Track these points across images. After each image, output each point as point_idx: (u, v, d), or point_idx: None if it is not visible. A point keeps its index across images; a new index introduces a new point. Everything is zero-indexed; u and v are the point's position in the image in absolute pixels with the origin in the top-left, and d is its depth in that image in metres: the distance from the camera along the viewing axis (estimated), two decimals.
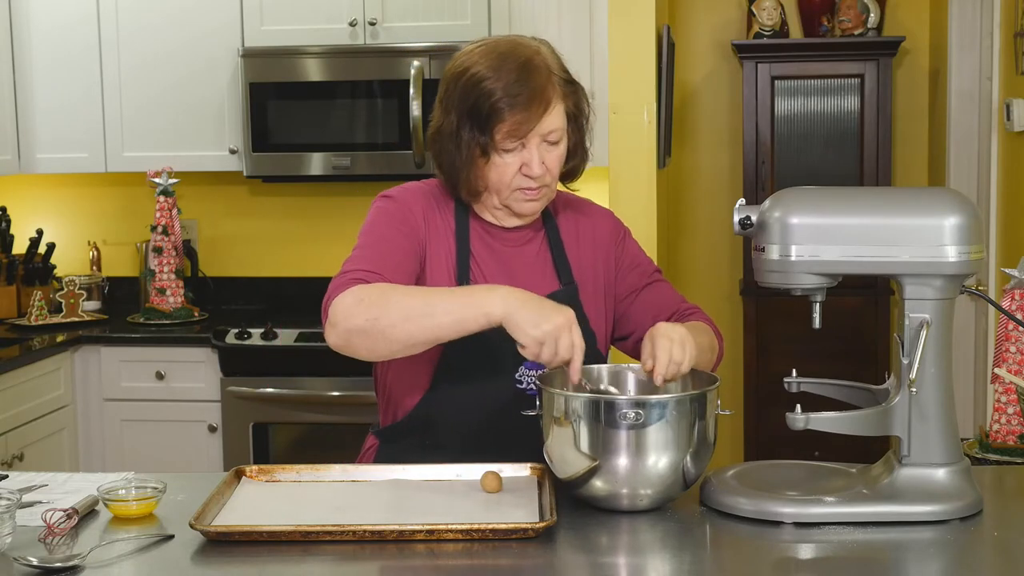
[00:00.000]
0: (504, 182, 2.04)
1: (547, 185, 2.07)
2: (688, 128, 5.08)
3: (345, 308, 1.88)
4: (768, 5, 4.75)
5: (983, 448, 2.38)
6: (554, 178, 2.07)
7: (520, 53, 2.02)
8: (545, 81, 2.00)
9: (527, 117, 1.99)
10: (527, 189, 2.05)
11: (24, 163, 4.31)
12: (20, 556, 1.64)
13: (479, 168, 2.04)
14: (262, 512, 1.81)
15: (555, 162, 2.05)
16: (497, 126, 1.99)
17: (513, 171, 2.03)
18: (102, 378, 4.06)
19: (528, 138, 2.01)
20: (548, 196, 2.10)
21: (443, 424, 2.08)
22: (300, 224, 4.57)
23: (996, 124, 3.94)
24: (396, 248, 2.04)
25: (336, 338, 1.90)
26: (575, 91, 2.08)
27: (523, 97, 1.98)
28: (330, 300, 1.93)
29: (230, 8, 4.19)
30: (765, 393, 4.78)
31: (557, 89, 2.02)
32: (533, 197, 2.06)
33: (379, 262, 2.00)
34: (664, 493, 1.81)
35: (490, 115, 1.99)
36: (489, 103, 1.98)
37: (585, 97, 2.11)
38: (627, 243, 2.24)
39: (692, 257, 5.15)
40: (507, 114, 1.98)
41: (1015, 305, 2.35)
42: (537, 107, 1.99)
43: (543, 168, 2.03)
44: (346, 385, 3.87)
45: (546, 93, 2.00)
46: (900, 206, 1.82)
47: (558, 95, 2.02)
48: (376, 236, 2.06)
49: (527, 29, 3.91)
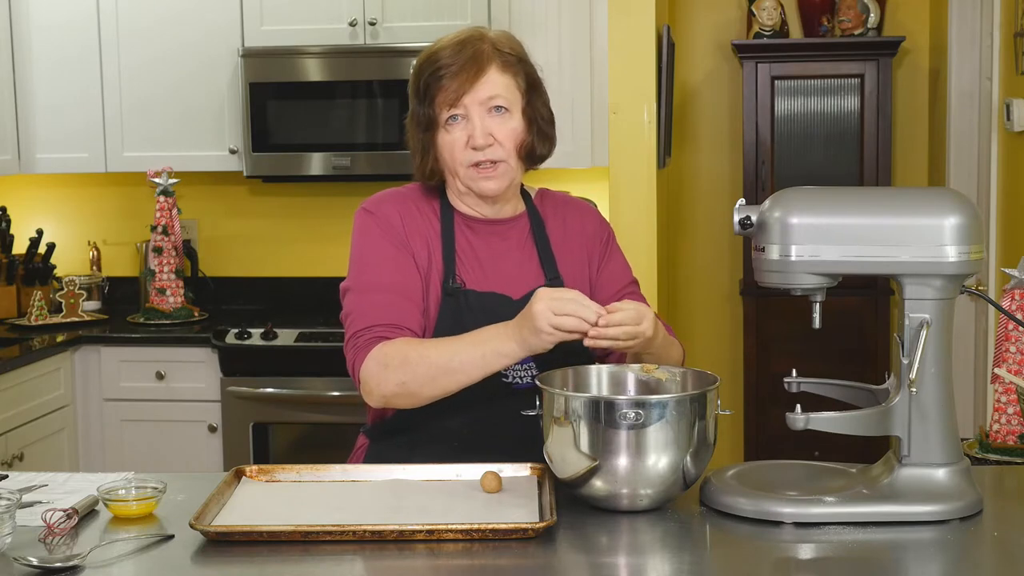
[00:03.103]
0: (456, 158, 2.07)
1: (503, 160, 2.08)
2: (688, 128, 5.08)
3: (373, 376, 2.00)
4: (768, 5, 4.75)
5: (983, 448, 2.38)
6: (508, 152, 2.08)
7: (463, 34, 2.11)
8: (480, 50, 2.07)
9: (460, 82, 2.05)
10: (480, 166, 2.07)
11: (24, 163, 4.30)
12: (20, 556, 1.64)
13: (432, 146, 2.10)
14: (262, 512, 1.81)
15: (506, 135, 2.07)
16: (437, 95, 2.06)
17: (461, 145, 2.07)
18: (102, 378, 4.06)
19: (467, 107, 2.05)
20: (509, 174, 2.11)
21: (431, 420, 2.09)
22: (300, 224, 4.57)
23: (996, 124, 3.94)
24: (397, 269, 2.08)
25: (375, 403, 2.04)
26: (520, 64, 2.11)
27: (456, 65, 2.05)
28: (356, 363, 2.03)
29: (230, 8, 4.19)
30: (765, 393, 4.78)
31: (495, 58, 2.07)
32: (489, 174, 2.08)
33: (392, 304, 2.06)
34: (664, 493, 1.81)
35: (429, 85, 2.07)
36: (428, 73, 2.07)
37: (536, 74, 2.13)
38: (610, 247, 2.25)
39: (692, 257, 5.15)
40: (444, 81, 2.06)
41: (1015, 305, 2.35)
42: (470, 71, 2.05)
43: (489, 139, 2.06)
44: (346, 385, 3.86)
45: (479, 60, 2.06)
46: (900, 206, 1.82)
47: (496, 64, 2.07)
48: (374, 264, 2.09)
49: (527, 29, 3.92)
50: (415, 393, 1.99)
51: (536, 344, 1.89)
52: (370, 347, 2.01)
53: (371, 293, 2.06)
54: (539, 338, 1.88)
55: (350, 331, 2.06)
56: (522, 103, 2.09)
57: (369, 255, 2.10)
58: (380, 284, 2.07)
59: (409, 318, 2.06)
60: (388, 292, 2.06)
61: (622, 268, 2.24)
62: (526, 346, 1.91)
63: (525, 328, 1.90)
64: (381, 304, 2.05)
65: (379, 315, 2.04)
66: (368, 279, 2.08)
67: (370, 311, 2.05)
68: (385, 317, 2.04)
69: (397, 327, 2.03)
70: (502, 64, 2.07)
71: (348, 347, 2.06)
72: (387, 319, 2.04)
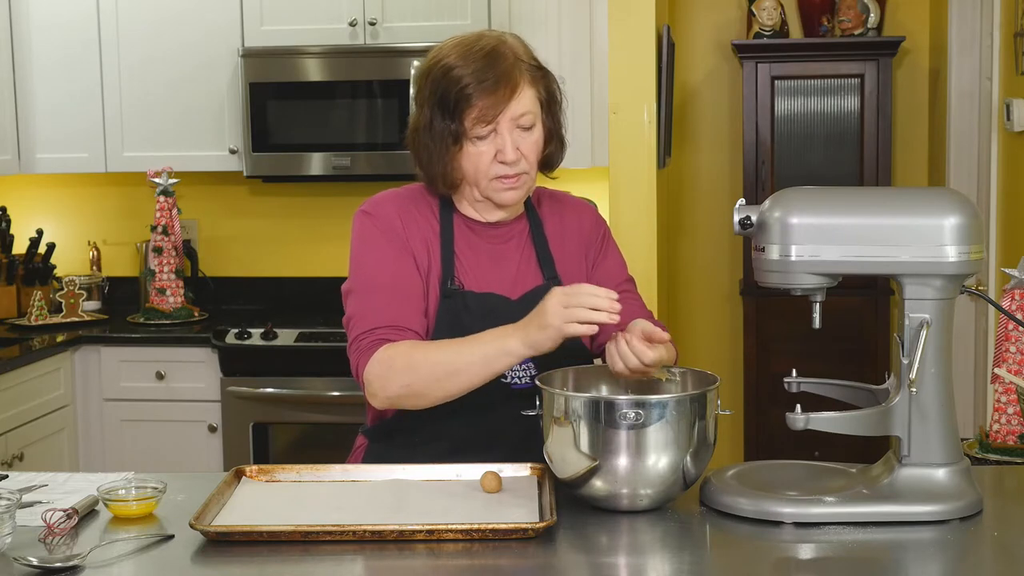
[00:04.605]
0: (481, 171, 2.06)
1: (525, 172, 2.08)
2: (688, 128, 5.08)
3: (378, 378, 2.00)
4: (768, 5, 4.75)
5: (983, 448, 2.38)
6: (531, 165, 2.08)
7: (486, 42, 2.06)
8: (511, 65, 2.03)
9: (495, 101, 2.01)
10: (505, 177, 2.06)
11: (24, 163, 4.30)
12: (20, 556, 1.64)
13: (454, 159, 2.06)
14: (262, 512, 1.81)
15: (530, 148, 2.07)
16: (467, 112, 2.02)
17: (488, 159, 2.05)
18: (102, 378, 4.06)
19: (499, 123, 2.03)
20: (528, 184, 2.11)
21: (429, 420, 2.09)
22: (300, 224, 4.57)
23: (996, 124, 3.94)
24: (398, 270, 2.08)
25: (380, 404, 2.04)
26: (544, 76, 2.09)
27: (490, 82, 2.01)
28: (360, 366, 2.03)
29: (230, 8, 4.19)
30: (765, 393, 4.78)
31: (525, 74, 2.05)
32: (512, 185, 2.07)
33: (395, 305, 2.05)
34: (664, 493, 1.81)
35: (459, 101, 2.02)
36: (457, 89, 2.02)
37: (556, 83, 2.12)
38: (607, 245, 2.25)
39: (692, 257, 5.14)
40: (475, 99, 2.01)
41: (1015, 305, 2.35)
42: (504, 90, 2.01)
43: (517, 154, 2.05)
44: (346, 385, 3.87)
45: (512, 76, 2.02)
46: (900, 206, 1.82)
47: (526, 79, 2.05)
48: (374, 265, 2.08)
49: (527, 29, 3.92)
50: (420, 395, 1.99)
51: (541, 341, 1.89)
52: (373, 349, 2.01)
53: (373, 295, 2.06)
54: (545, 334, 1.88)
55: (353, 334, 2.06)
56: (543, 115, 2.09)
57: (369, 256, 2.10)
58: (381, 285, 2.07)
59: (412, 319, 2.06)
60: (390, 293, 2.06)
61: (618, 266, 2.24)
62: (531, 343, 1.90)
63: (532, 326, 1.90)
64: (383, 306, 2.05)
65: (381, 317, 2.04)
66: (369, 280, 2.08)
67: (372, 313, 2.04)
68: (387, 319, 2.04)
69: (400, 329, 2.03)
70: (531, 79, 2.06)
71: (352, 350, 2.05)
72: (389, 321, 2.03)
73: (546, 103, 2.09)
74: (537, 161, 2.10)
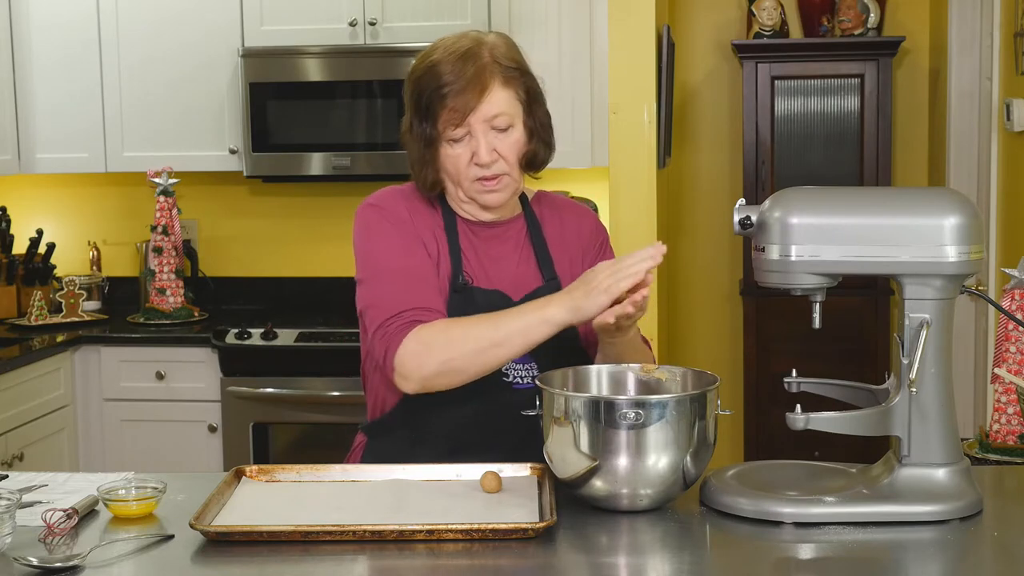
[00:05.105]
0: (460, 173, 2.06)
1: (506, 174, 2.07)
2: (688, 128, 5.08)
3: (414, 358, 1.96)
4: (768, 5, 4.75)
5: (983, 448, 2.38)
6: (511, 166, 2.07)
7: (463, 44, 2.06)
8: (483, 67, 2.03)
9: (464, 101, 2.01)
10: (484, 179, 2.06)
11: (24, 163, 4.31)
12: (20, 556, 1.64)
13: (434, 160, 2.07)
14: (262, 512, 1.81)
15: (509, 149, 2.06)
16: (440, 113, 2.03)
17: (465, 161, 2.05)
18: (102, 378, 4.06)
19: (471, 125, 2.03)
20: (511, 186, 2.10)
21: (429, 417, 2.09)
22: (300, 224, 4.57)
23: (996, 124, 3.94)
24: (411, 254, 2.07)
25: (412, 387, 1.99)
26: (522, 77, 2.08)
27: (459, 83, 2.02)
28: (391, 349, 1.98)
29: (230, 8, 4.19)
30: (765, 393, 4.78)
31: (497, 75, 2.04)
32: (492, 187, 2.07)
33: (416, 289, 2.03)
34: (664, 493, 1.81)
35: (430, 103, 2.04)
36: (429, 92, 2.04)
37: (536, 84, 2.11)
38: (604, 251, 2.24)
39: (692, 257, 5.15)
40: (448, 100, 2.02)
41: (1015, 305, 2.35)
42: (473, 91, 2.02)
43: (494, 155, 2.05)
44: (346, 385, 3.87)
45: (482, 77, 2.02)
46: (900, 206, 1.82)
47: (498, 80, 2.04)
48: (386, 251, 2.07)
49: (527, 29, 3.92)
50: (460, 370, 1.95)
51: (587, 306, 1.88)
52: (405, 331, 1.97)
53: (391, 281, 2.04)
54: (591, 298, 1.87)
55: (378, 320, 2.01)
56: (523, 115, 2.08)
57: (380, 243, 2.08)
58: (398, 269, 2.04)
59: (436, 301, 2.03)
60: (409, 277, 2.04)
61: None
62: (575, 308, 1.89)
63: (577, 291, 1.90)
64: (404, 289, 2.02)
65: (405, 300, 2.01)
66: (385, 267, 2.05)
67: (394, 297, 2.01)
68: (412, 301, 2.01)
69: (429, 310, 2.01)
70: (504, 79, 2.04)
71: (378, 336, 2.00)
72: (415, 303, 2.01)
73: (526, 103, 2.08)
74: (518, 162, 2.08)
